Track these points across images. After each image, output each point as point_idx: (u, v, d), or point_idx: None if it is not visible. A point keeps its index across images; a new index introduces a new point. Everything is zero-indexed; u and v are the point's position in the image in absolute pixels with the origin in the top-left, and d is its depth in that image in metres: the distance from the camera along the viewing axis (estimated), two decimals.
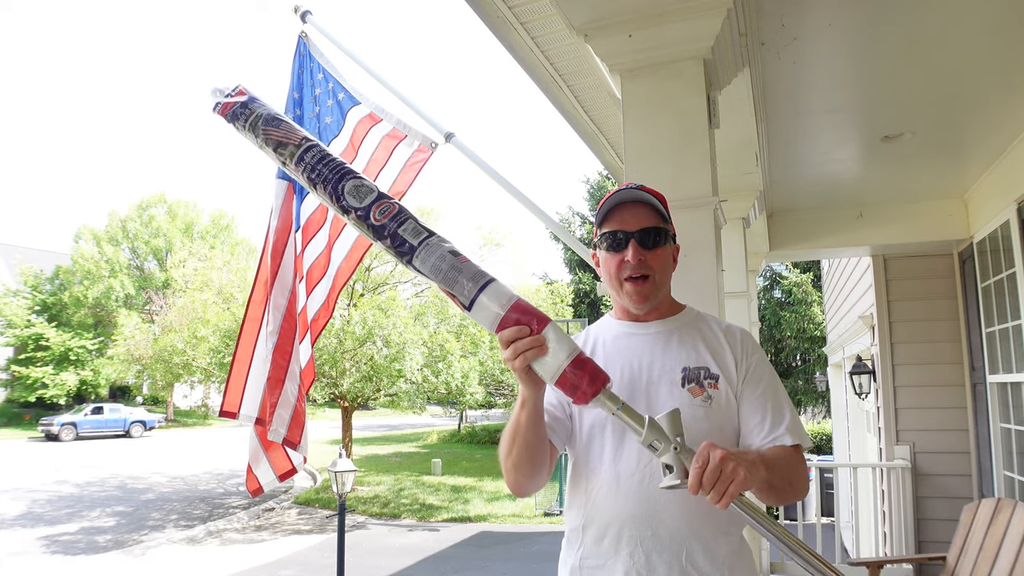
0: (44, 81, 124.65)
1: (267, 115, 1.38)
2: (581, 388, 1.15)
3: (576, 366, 1.15)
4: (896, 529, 4.90)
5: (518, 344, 1.16)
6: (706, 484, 1.04)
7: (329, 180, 1.29)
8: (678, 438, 1.10)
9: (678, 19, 2.03)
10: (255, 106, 1.40)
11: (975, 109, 3.23)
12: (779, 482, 1.21)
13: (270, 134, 1.37)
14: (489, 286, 1.19)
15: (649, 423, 1.12)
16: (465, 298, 1.19)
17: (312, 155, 1.33)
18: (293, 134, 1.36)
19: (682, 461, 1.08)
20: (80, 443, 23.88)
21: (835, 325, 8.75)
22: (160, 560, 9.73)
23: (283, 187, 2.96)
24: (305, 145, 1.34)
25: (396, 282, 16.15)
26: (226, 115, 1.42)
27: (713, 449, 1.06)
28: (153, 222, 32.27)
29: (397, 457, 21.43)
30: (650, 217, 1.37)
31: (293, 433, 2.75)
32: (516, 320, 1.17)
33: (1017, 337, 3.84)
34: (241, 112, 1.40)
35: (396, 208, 1.24)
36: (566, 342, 1.16)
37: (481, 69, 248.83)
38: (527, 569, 9.20)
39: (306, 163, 1.32)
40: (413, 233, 1.22)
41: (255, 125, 1.38)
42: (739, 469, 1.04)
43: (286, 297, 2.83)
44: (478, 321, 1.21)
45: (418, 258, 1.21)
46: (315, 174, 1.31)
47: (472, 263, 1.22)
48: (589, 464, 1.35)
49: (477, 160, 3.13)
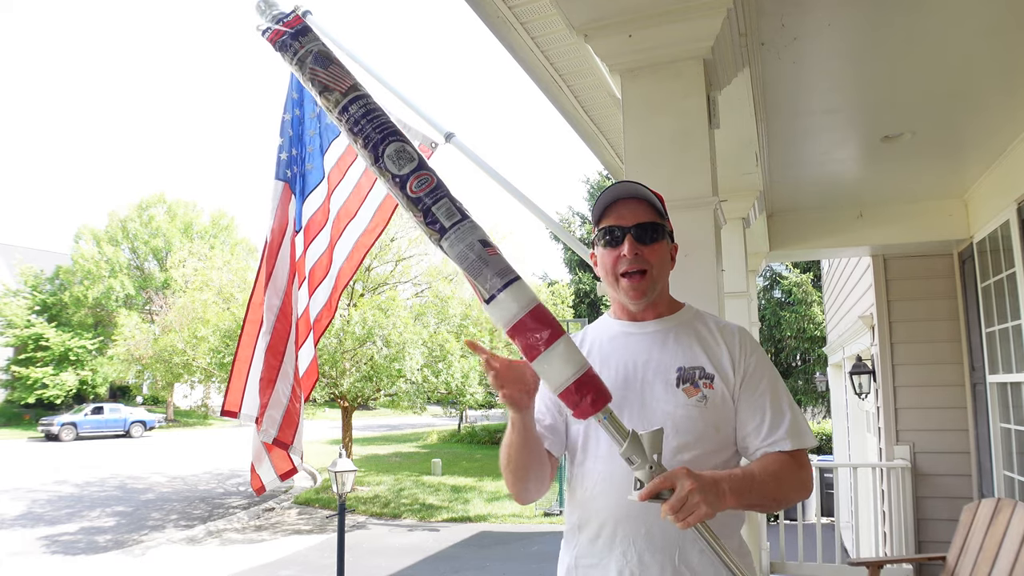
0: (44, 81, 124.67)
1: (317, 52, 1.28)
2: (582, 405, 1.16)
3: (581, 383, 1.16)
4: (896, 529, 4.90)
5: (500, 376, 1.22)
6: (669, 510, 1.10)
7: (371, 139, 1.22)
8: (655, 456, 1.13)
9: (678, 19, 2.03)
10: (306, 40, 1.30)
11: (975, 109, 3.23)
12: (759, 501, 1.24)
13: (317, 74, 1.27)
14: (513, 284, 1.17)
15: (631, 437, 1.14)
16: (486, 292, 1.17)
17: (357, 107, 1.25)
18: (341, 80, 1.26)
19: (653, 480, 1.12)
20: (80, 443, 23.87)
21: (835, 325, 8.75)
22: (160, 560, 9.72)
23: (280, 188, 2.96)
24: (352, 95, 1.25)
25: (396, 282, 16.15)
26: (275, 44, 1.32)
27: (683, 479, 1.11)
28: (153, 222, 32.26)
29: (397, 457, 21.42)
30: (646, 213, 1.36)
31: (285, 434, 2.74)
32: (529, 327, 1.16)
33: (1017, 337, 3.84)
34: (291, 44, 1.29)
35: (434, 182, 1.20)
36: (575, 358, 1.17)
37: (481, 69, 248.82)
38: (527, 569, 9.20)
39: (350, 115, 1.24)
40: (447, 214, 1.19)
41: (303, 61, 1.28)
42: (702, 504, 1.09)
43: (280, 298, 2.83)
44: (493, 316, 1.20)
45: (447, 240, 1.18)
46: (357, 128, 1.24)
47: (501, 256, 1.20)
48: (584, 464, 1.36)
49: (477, 160, 3.12)
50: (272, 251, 2.88)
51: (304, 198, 3.04)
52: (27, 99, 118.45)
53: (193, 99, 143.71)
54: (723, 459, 1.32)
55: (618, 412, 1.32)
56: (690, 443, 1.28)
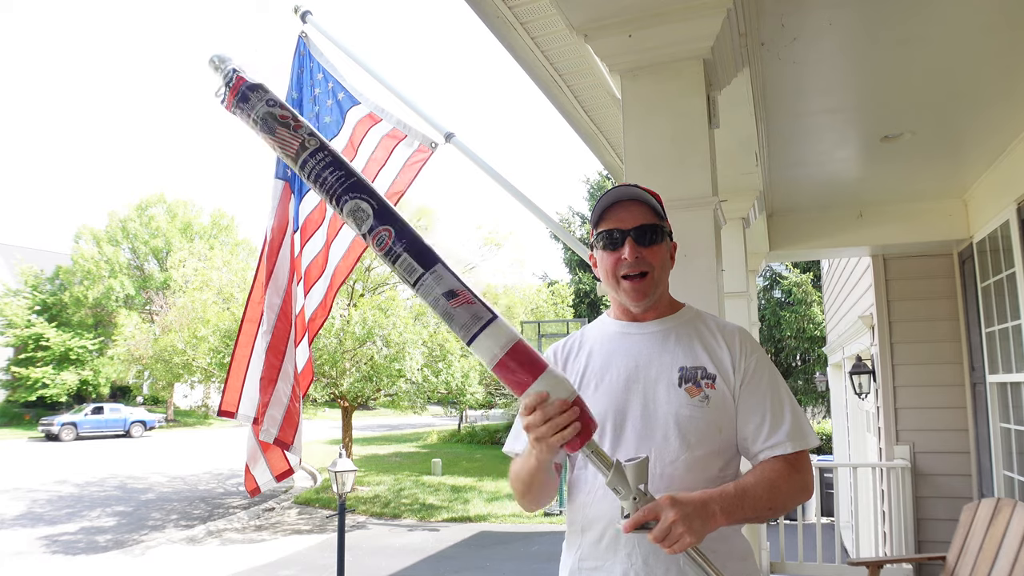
0: (44, 81, 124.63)
1: (263, 116, 1.23)
2: (572, 440, 1.14)
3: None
4: (896, 529, 4.90)
5: (558, 420, 1.12)
6: (654, 540, 1.12)
7: (332, 196, 1.21)
8: (640, 486, 1.13)
9: (678, 19, 2.03)
10: (248, 106, 1.24)
11: (975, 109, 3.23)
12: (754, 514, 1.24)
13: (268, 140, 1.25)
14: (488, 327, 1.15)
15: (615, 468, 1.13)
16: (463, 339, 1.16)
17: (310, 167, 1.22)
18: (290, 144, 1.22)
19: (637, 512, 1.13)
20: (80, 443, 23.86)
21: (835, 325, 8.75)
22: (160, 560, 9.72)
23: (280, 187, 2.96)
24: (303, 156, 1.22)
25: (396, 282, 16.13)
26: (230, 111, 1.28)
27: (667, 509, 1.11)
28: (153, 222, 32.26)
29: (397, 457, 21.42)
30: (646, 215, 1.36)
31: (285, 433, 2.74)
32: (510, 367, 1.14)
33: (1017, 337, 3.84)
34: (239, 111, 1.25)
35: (389, 242, 1.17)
36: (562, 391, 1.14)
37: (481, 69, 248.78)
38: (527, 569, 9.20)
39: (306, 173, 1.23)
40: (408, 270, 1.17)
41: (256, 126, 1.25)
42: (686, 535, 1.11)
43: (280, 297, 2.83)
44: (477, 355, 1.19)
45: (419, 293, 1.18)
46: (317, 187, 1.23)
47: (468, 304, 1.15)
48: (587, 468, 1.35)
49: (477, 160, 3.13)
50: (273, 250, 2.88)
51: (301, 196, 3.04)
52: (27, 99, 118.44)
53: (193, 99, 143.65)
54: (725, 460, 1.32)
55: (621, 414, 1.32)
56: (693, 444, 1.28)
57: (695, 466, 1.27)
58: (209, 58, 1.29)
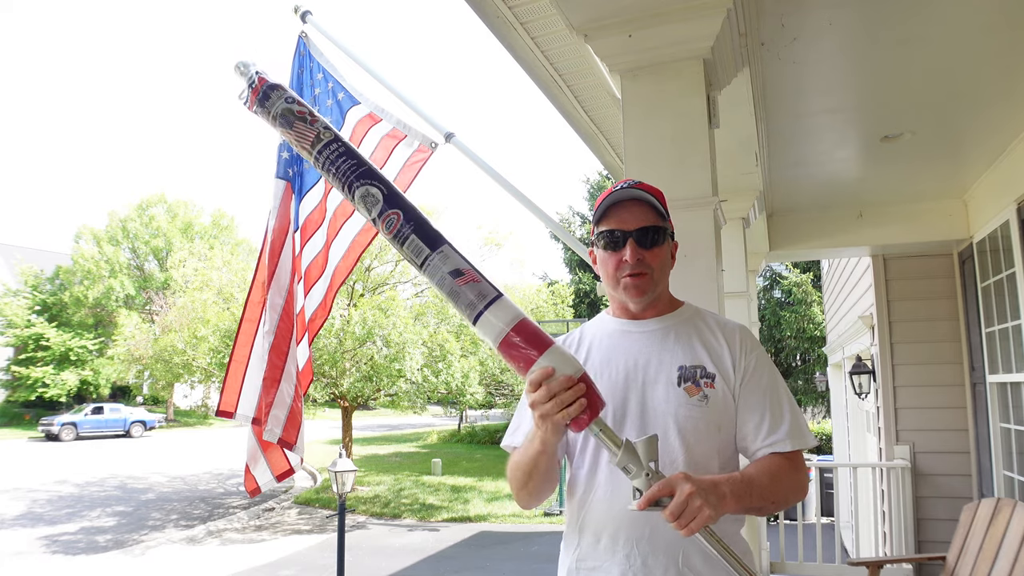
0: (44, 81, 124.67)
1: (281, 112, 1.32)
2: (579, 418, 1.13)
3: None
4: (896, 529, 4.90)
5: (563, 396, 1.10)
6: (670, 517, 1.07)
7: (344, 183, 1.27)
8: (651, 464, 1.12)
9: (678, 19, 2.03)
10: (270, 104, 1.33)
11: (975, 109, 3.23)
12: (758, 503, 1.23)
13: (286, 134, 1.34)
14: (494, 303, 1.16)
15: (625, 446, 1.12)
16: (469, 316, 1.18)
17: (324, 156, 1.29)
18: (306, 136, 1.31)
19: (651, 487, 1.10)
20: (80, 443, 23.86)
21: (835, 325, 8.75)
22: (160, 560, 9.72)
23: (281, 187, 2.96)
24: (318, 146, 1.30)
25: (396, 282, 16.14)
26: (252, 111, 1.37)
27: (682, 483, 1.09)
28: (153, 222, 32.26)
29: (397, 457, 21.42)
30: (648, 216, 1.36)
31: (289, 433, 2.75)
32: (515, 344, 1.15)
33: (1017, 337, 3.84)
34: (261, 109, 1.34)
35: (398, 224, 1.22)
36: (568, 367, 1.13)
37: (481, 69, 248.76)
38: (527, 569, 9.20)
39: (321, 163, 1.30)
40: (415, 252, 1.21)
41: (276, 121, 1.33)
42: (704, 508, 1.07)
43: (283, 297, 2.83)
44: (481, 335, 1.20)
45: (425, 274, 1.22)
46: (330, 175, 1.30)
47: (474, 282, 1.18)
48: (586, 466, 1.35)
49: (477, 160, 3.13)
50: (275, 250, 2.88)
51: (302, 197, 3.04)
52: (27, 99, 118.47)
53: (193, 99, 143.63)
54: (725, 459, 1.32)
55: (620, 412, 1.32)
56: (692, 443, 1.28)
57: (694, 465, 1.26)
58: (235, 64, 1.38)
